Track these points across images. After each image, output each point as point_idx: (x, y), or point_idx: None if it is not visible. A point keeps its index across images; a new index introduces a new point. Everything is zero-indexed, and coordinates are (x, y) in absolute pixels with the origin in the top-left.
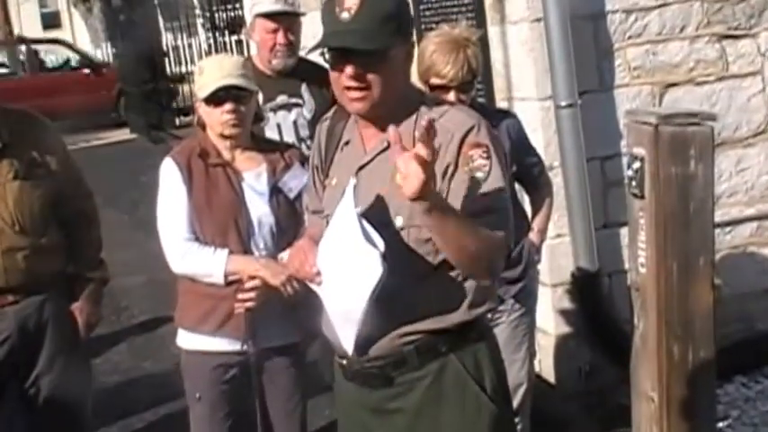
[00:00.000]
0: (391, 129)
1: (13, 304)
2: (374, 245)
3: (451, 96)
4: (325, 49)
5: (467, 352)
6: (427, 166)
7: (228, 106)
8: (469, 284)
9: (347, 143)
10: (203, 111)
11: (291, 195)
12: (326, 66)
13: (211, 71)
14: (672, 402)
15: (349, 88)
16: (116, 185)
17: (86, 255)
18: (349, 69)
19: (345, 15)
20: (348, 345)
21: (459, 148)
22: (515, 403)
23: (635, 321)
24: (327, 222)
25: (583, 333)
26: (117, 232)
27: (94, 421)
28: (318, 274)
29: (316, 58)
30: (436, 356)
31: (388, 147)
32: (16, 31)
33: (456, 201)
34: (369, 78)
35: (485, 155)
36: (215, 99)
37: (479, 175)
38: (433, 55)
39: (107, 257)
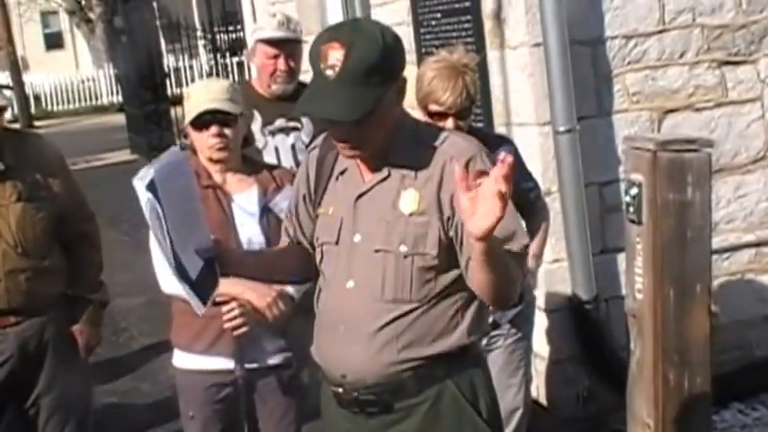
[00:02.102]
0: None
1: (15, 325)
2: None
3: (450, 123)
4: None
5: (463, 377)
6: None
7: (214, 130)
8: (469, 310)
9: (343, 172)
10: (192, 135)
11: (282, 215)
12: None
13: (197, 96)
14: (667, 429)
15: (337, 142)
16: (117, 206)
17: (87, 277)
18: (336, 133)
19: (330, 73)
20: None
21: None
22: (511, 428)
23: (631, 347)
24: (322, 251)
25: (579, 358)
26: (117, 253)
27: None
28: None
29: None
30: (434, 382)
31: (389, 176)
32: (19, 52)
33: None
34: (356, 134)
35: None
36: (201, 123)
37: None
38: (432, 82)
39: (108, 278)
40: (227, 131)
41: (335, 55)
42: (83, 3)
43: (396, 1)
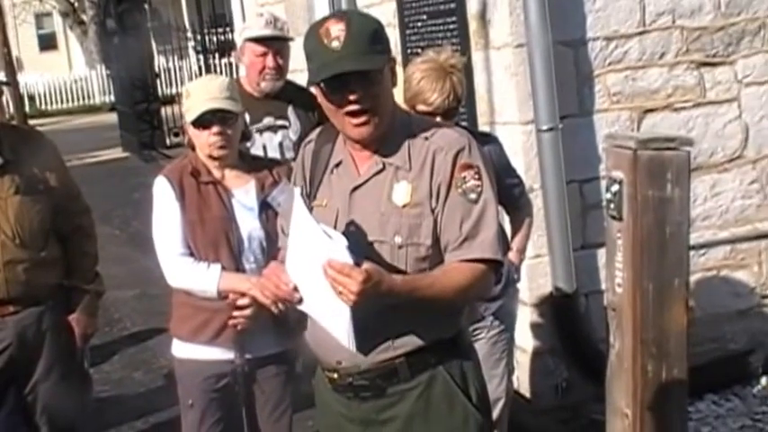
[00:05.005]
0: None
1: (13, 315)
2: (338, 240)
3: None
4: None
5: (454, 364)
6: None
7: (216, 129)
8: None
9: (338, 165)
10: (192, 133)
11: (280, 210)
12: (312, 90)
13: (198, 94)
14: (645, 418)
15: (352, 114)
16: (109, 202)
17: (83, 268)
18: (352, 96)
19: (336, 44)
20: (350, 342)
21: (452, 167)
22: (494, 418)
23: (611, 340)
24: None
25: (559, 351)
26: (110, 247)
27: (88, 429)
28: (295, 289)
29: (302, 81)
30: (426, 368)
31: (383, 169)
32: (14, 53)
33: (451, 223)
34: (369, 100)
35: (476, 176)
36: (202, 122)
37: (472, 196)
38: (420, 82)
39: (101, 272)
40: (228, 130)
41: (338, 27)
42: (76, 5)
43: (382, 3)
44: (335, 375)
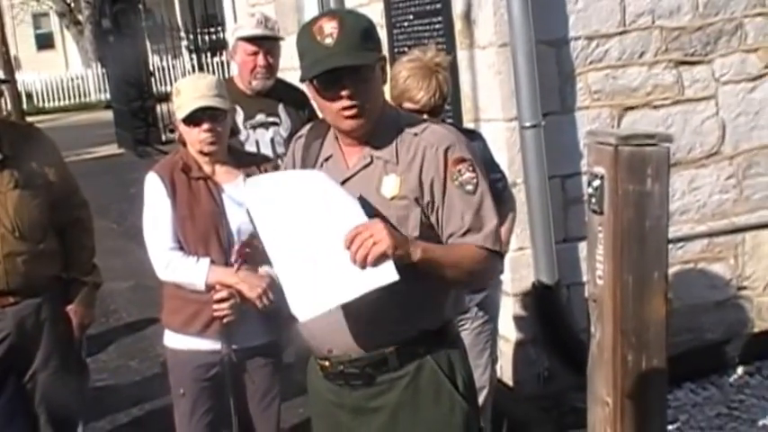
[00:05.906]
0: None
1: (13, 305)
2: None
3: None
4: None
5: (441, 353)
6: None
7: (205, 126)
8: (450, 290)
9: (327, 159)
10: (182, 129)
11: None
12: (302, 87)
13: (188, 92)
14: (625, 406)
15: (344, 108)
16: (105, 197)
17: (81, 260)
18: (345, 91)
19: (329, 41)
20: (297, 306)
21: (445, 162)
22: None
23: (592, 330)
24: None
25: (542, 341)
26: (106, 241)
27: (85, 416)
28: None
29: (292, 79)
30: (414, 357)
31: (371, 162)
32: (12, 52)
33: (452, 216)
34: (361, 96)
35: (470, 168)
36: (192, 119)
37: (469, 187)
38: (407, 81)
39: (98, 264)
40: (217, 127)
41: (331, 24)
42: (72, 5)
43: (370, 3)
44: (327, 363)
